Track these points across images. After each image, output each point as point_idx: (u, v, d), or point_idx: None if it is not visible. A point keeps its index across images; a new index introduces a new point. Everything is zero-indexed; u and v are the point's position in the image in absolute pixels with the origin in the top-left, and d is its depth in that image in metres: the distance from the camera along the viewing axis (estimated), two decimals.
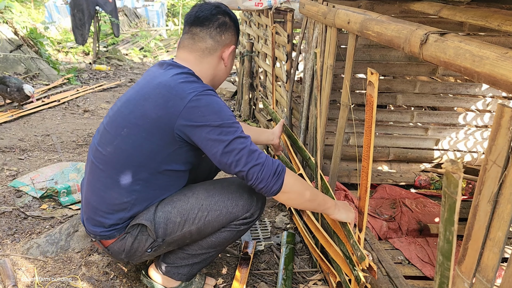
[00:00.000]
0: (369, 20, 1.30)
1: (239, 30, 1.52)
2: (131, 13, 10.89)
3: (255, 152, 1.28)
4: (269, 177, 1.28)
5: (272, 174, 1.28)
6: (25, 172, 2.55)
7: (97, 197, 1.39)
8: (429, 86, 2.46)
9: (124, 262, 1.51)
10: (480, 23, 1.29)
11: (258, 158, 1.28)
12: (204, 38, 1.41)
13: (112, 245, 1.43)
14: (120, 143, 1.34)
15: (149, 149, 1.32)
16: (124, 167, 1.35)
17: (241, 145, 1.27)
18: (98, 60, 6.65)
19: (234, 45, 1.49)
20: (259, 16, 3.58)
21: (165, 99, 1.28)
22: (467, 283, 0.79)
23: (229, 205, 1.41)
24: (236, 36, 1.51)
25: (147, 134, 1.31)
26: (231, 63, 1.53)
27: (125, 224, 1.41)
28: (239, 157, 1.26)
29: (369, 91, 1.02)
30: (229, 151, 1.26)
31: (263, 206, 1.50)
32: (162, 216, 1.39)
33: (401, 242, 1.91)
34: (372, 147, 1.08)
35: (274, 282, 1.73)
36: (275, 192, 1.31)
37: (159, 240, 1.40)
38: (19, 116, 3.64)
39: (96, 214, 1.40)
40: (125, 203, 1.38)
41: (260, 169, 1.27)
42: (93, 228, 1.42)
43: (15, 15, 5.53)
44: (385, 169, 2.64)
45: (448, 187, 0.63)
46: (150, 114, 1.29)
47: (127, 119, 1.34)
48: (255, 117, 3.94)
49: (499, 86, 0.75)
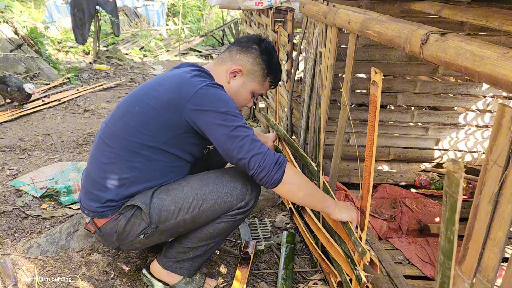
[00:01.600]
0: (370, 20, 1.30)
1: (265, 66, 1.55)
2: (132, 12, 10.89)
3: (257, 142, 1.32)
4: (271, 165, 1.30)
5: (274, 163, 1.31)
6: (25, 171, 2.55)
7: (98, 170, 1.43)
8: (430, 86, 2.46)
9: (114, 247, 1.50)
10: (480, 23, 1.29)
11: (260, 147, 1.31)
12: (225, 51, 1.57)
13: (104, 226, 1.45)
14: (129, 120, 1.41)
15: (155, 127, 1.38)
16: (129, 143, 1.40)
17: (244, 133, 1.31)
18: (99, 59, 6.65)
19: (243, 69, 1.52)
20: (259, 15, 3.58)
21: (178, 85, 1.38)
22: (468, 283, 0.79)
23: (223, 195, 1.43)
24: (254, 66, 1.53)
25: (155, 113, 1.37)
26: (236, 88, 1.55)
27: (120, 202, 1.43)
28: (242, 144, 1.30)
29: (372, 90, 1.02)
30: (233, 136, 1.30)
31: (257, 196, 1.52)
32: (157, 202, 1.41)
33: (402, 242, 1.91)
34: (375, 147, 1.08)
35: (274, 282, 1.73)
36: (276, 182, 1.32)
37: (152, 226, 1.42)
38: (20, 116, 3.64)
39: (95, 187, 1.43)
40: (124, 179, 1.42)
41: (262, 158, 1.30)
42: (89, 203, 1.44)
43: (15, 14, 5.53)
44: (385, 169, 2.64)
45: (449, 186, 0.63)
46: (162, 97, 1.38)
47: (140, 99, 1.43)
48: (255, 116, 3.94)
49: (500, 86, 0.75)
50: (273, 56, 1.57)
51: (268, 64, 1.55)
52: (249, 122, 3.89)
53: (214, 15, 11.66)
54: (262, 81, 1.57)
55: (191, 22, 11.24)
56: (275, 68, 1.58)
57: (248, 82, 1.55)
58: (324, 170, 2.31)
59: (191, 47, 8.69)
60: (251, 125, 3.79)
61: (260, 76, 1.56)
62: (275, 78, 1.61)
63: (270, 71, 1.57)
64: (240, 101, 1.58)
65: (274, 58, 1.57)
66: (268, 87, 1.62)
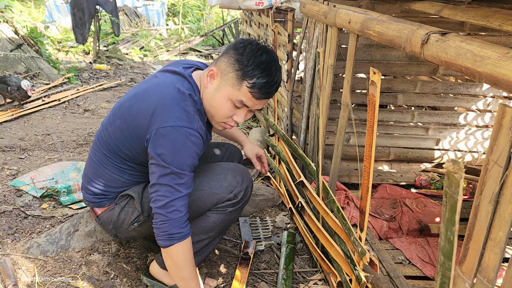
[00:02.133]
0: (370, 20, 1.30)
1: (239, 67, 1.31)
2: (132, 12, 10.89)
3: (172, 207, 1.30)
4: (164, 233, 1.32)
5: (168, 234, 1.31)
6: (25, 171, 2.55)
7: (92, 169, 1.54)
8: (430, 86, 2.46)
9: (112, 235, 1.64)
10: (481, 23, 1.29)
11: (170, 212, 1.31)
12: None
13: (102, 215, 1.58)
14: (112, 131, 1.46)
15: (130, 148, 1.43)
16: (114, 153, 1.48)
17: (167, 193, 1.30)
18: (99, 59, 6.65)
19: (218, 71, 1.35)
20: (259, 15, 3.58)
21: (153, 109, 1.32)
22: (468, 283, 0.79)
23: (213, 186, 1.47)
24: (227, 67, 1.33)
25: (129, 134, 1.40)
26: (212, 93, 1.37)
27: (115, 195, 1.55)
28: (156, 199, 1.31)
29: (371, 90, 1.02)
30: (155, 188, 1.31)
31: (248, 189, 1.53)
32: (149, 191, 1.44)
33: (402, 242, 1.91)
34: (374, 147, 1.08)
35: (274, 282, 1.73)
36: (160, 245, 1.35)
37: (144, 215, 1.50)
38: (20, 116, 3.64)
39: (90, 184, 1.56)
40: (116, 180, 1.52)
41: (162, 220, 1.31)
42: (86, 195, 1.59)
43: (15, 14, 5.52)
44: (385, 169, 2.64)
45: (449, 187, 0.63)
46: (136, 118, 1.37)
47: (122, 112, 1.43)
48: (255, 116, 3.94)
49: (500, 86, 0.75)
50: (250, 57, 1.30)
51: (242, 65, 1.30)
52: (250, 122, 3.89)
53: (214, 15, 11.65)
54: (237, 84, 1.31)
55: (191, 22, 11.23)
56: (252, 71, 1.29)
57: (222, 85, 1.34)
58: (324, 170, 2.32)
59: (191, 47, 8.68)
60: (252, 125, 3.79)
61: (234, 79, 1.31)
62: (255, 85, 1.30)
63: (244, 73, 1.30)
64: (218, 110, 1.37)
65: (251, 59, 1.30)
66: (251, 97, 1.33)
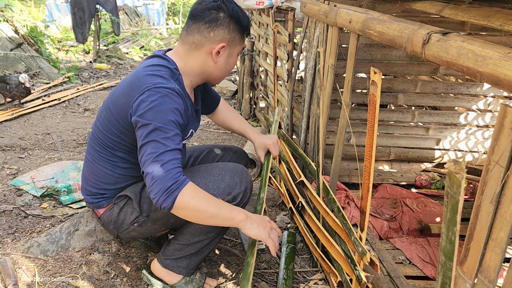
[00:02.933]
0: (371, 20, 1.30)
1: (240, 28, 1.44)
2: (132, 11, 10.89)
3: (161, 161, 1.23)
4: (159, 192, 1.22)
5: (163, 190, 1.21)
6: (25, 170, 2.55)
7: (88, 168, 1.55)
8: (430, 86, 2.46)
9: (114, 235, 1.61)
10: (482, 22, 1.29)
11: (160, 167, 1.23)
12: (192, 32, 1.40)
13: (102, 215, 1.57)
14: (100, 124, 1.47)
15: (118, 132, 1.42)
16: (104, 145, 1.47)
17: (154, 149, 1.24)
18: (99, 58, 6.65)
19: (225, 43, 1.41)
20: (260, 15, 3.57)
21: (130, 87, 1.35)
22: (469, 283, 0.79)
23: (210, 187, 1.44)
24: (231, 34, 1.42)
25: (114, 119, 1.40)
26: (225, 61, 1.47)
27: (112, 194, 1.54)
28: (145, 159, 1.25)
29: (372, 90, 1.02)
30: (143, 149, 1.26)
31: (246, 191, 1.49)
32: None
33: (402, 242, 1.91)
34: (374, 147, 1.08)
35: (274, 282, 1.73)
36: (166, 209, 1.24)
37: (143, 215, 1.48)
38: (20, 115, 3.63)
39: (87, 183, 1.56)
40: (109, 176, 1.51)
41: (151, 181, 1.22)
42: (85, 196, 1.58)
43: (15, 13, 5.52)
44: (386, 168, 2.64)
45: (450, 187, 0.62)
46: (118, 101, 1.39)
47: (106, 104, 1.46)
48: (256, 116, 3.94)
49: (502, 86, 0.75)
50: (239, 13, 1.43)
51: (241, 25, 1.43)
52: (250, 122, 3.88)
53: None
54: (242, 39, 1.48)
55: None
56: (245, 22, 1.46)
57: (233, 49, 1.46)
58: (324, 169, 2.31)
59: None
60: (252, 124, 3.79)
61: (240, 38, 1.46)
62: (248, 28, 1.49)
63: (244, 28, 1.45)
64: (230, 69, 1.52)
65: (240, 15, 1.44)
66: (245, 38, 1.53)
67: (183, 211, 1.25)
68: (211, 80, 1.53)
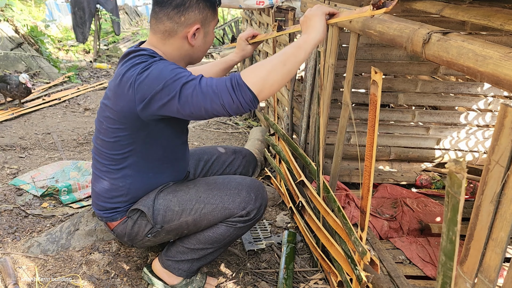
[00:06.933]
0: (371, 19, 1.30)
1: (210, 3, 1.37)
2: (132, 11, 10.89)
3: (204, 87, 1.17)
4: (231, 96, 1.15)
5: (232, 91, 1.15)
6: (25, 170, 2.55)
7: (98, 183, 1.50)
8: (431, 86, 2.45)
9: (128, 245, 1.64)
10: (482, 22, 1.29)
11: (209, 91, 1.16)
12: (162, 19, 1.34)
13: (116, 228, 1.53)
14: (103, 136, 1.41)
15: (126, 137, 1.37)
16: (112, 156, 1.42)
17: (189, 89, 1.18)
18: (99, 58, 6.65)
19: (199, 24, 1.35)
20: (260, 14, 3.57)
21: (121, 89, 1.28)
22: (469, 283, 0.79)
23: (225, 200, 1.42)
24: (203, 13, 1.35)
25: (119, 125, 1.34)
26: (203, 41, 1.41)
27: (125, 207, 1.50)
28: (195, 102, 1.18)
29: (372, 90, 1.02)
30: (183, 102, 1.19)
31: (261, 207, 1.48)
32: (162, 203, 1.45)
33: (402, 241, 1.91)
34: (375, 146, 1.08)
35: (275, 281, 1.73)
36: (252, 102, 1.17)
37: (157, 227, 1.46)
38: (20, 114, 3.64)
39: (98, 199, 1.51)
40: (121, 188, 1.46)
41: (217, 99, 1.15)
42: (97, 211, 1.54)
43: (15, 13, 5.51)
44: (386, 168, 2.64)
45: (451, 187, 0.62)
46: (115, 107, 1.32)
47: (103, 114, 1.39)
48: (256, 116, 3.94)
49: (502, 86, 0.75)
50: None
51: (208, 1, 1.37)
52: (250, 122, 3.88)
53: None
54: (215, 13, 1.41)
55: None
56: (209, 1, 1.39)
57: (208, 27, 1.41)
58: (325, 169, 2.31)
59: None
60: (252, 124, 3.79)
61: (212, 13, 1.40)
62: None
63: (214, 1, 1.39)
64: (209, 45, 1.47)
65: None
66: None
67: (262, 87, 1.17)
68: (192, 61, 1.47)
